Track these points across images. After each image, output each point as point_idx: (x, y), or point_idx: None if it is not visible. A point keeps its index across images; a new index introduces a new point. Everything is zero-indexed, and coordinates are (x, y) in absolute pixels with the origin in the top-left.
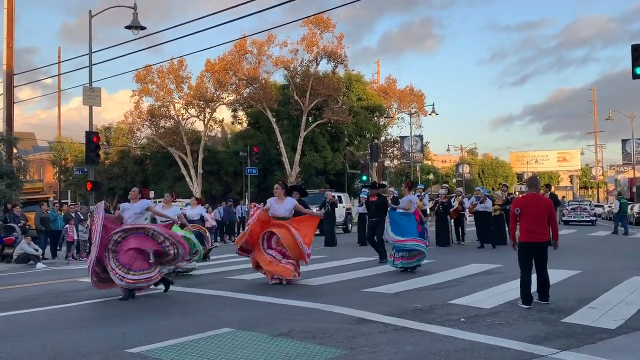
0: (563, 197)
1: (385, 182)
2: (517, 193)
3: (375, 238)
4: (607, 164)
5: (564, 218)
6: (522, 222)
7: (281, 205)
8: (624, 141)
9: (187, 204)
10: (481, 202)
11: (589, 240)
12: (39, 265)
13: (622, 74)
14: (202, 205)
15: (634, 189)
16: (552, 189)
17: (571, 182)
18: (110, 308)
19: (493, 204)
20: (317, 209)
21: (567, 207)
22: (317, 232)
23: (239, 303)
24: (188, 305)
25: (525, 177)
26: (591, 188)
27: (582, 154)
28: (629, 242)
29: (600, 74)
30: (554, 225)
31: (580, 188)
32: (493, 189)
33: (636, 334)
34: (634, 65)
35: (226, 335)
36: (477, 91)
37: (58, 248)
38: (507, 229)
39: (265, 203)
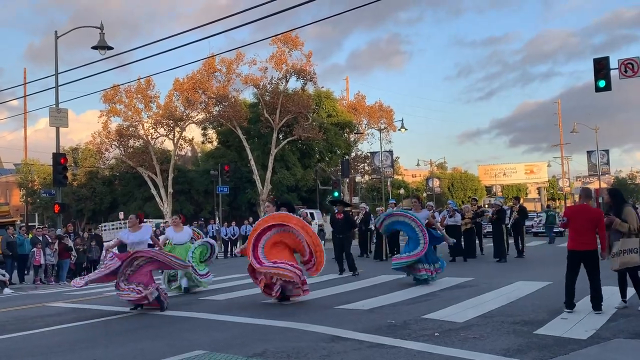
0: (551, 208)
1: (348, 202)
2: (486, 206)
3: (344, 254)
4: (573, 176)
5: (533, 229)
6: (570, 231)
7: None
8: (589, 153)
9: (158, 224)
10: (450, 216)
11: (558, 251)
12: (6, 290)
13: (586, 87)
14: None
15: (600, 200)
16: (521, 201)
17: (539, 194)
18: (80, 333)
19: (463, 218)
20: None
21: (536, 219)
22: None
23: (212, 324)
24: (160, 327)
25: (495, 190)
26: (559, 199)
27: (549, 166)
28: None
29: (565, 87)
30: (602, 236)
31: (548, 200)
32: (463, 202)
33: (607, 344)
34: (596, 79)
35: (199, 358)
36: (444, 106)
37: (25, 272)
38: (477, 242)
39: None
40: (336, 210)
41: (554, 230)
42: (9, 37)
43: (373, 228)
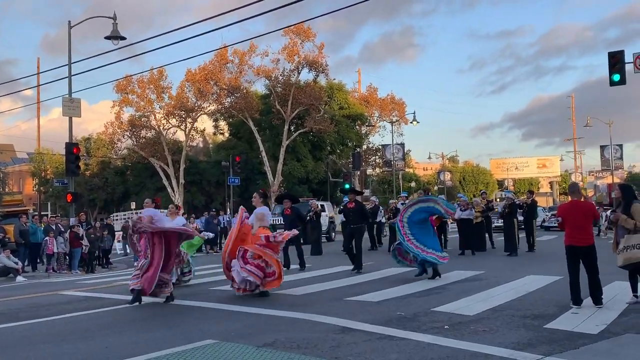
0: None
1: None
2: (497, 200)
3: (352, 246)
4: (586, 170)
5: (544, 224)
6: (565, 227)
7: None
8: (602, 147)
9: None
10: (464, 210)
11: None
12: (19, 278)
13: (600, 82)
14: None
15: (613, 195)
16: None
17: (551, 188)
18: (92, 321)
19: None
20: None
21: (547, 213)
22: (302, 241)
23: (223, 314)
24: (171, 317)
25: (506, 184)
26: None
27: (561, 160)
28: (607, 247)
29: (578, 81)
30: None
31: (560, 194)
32: (474, 195)
33: (618, 339)
34: (611, 72)
35: (210, 347)
36: (457, 99)
37: (38, 261)
38: (487, 235)
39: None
40: (347, 200)
41: (541, 224)
42: (25, 28)
43: (383, 221)
